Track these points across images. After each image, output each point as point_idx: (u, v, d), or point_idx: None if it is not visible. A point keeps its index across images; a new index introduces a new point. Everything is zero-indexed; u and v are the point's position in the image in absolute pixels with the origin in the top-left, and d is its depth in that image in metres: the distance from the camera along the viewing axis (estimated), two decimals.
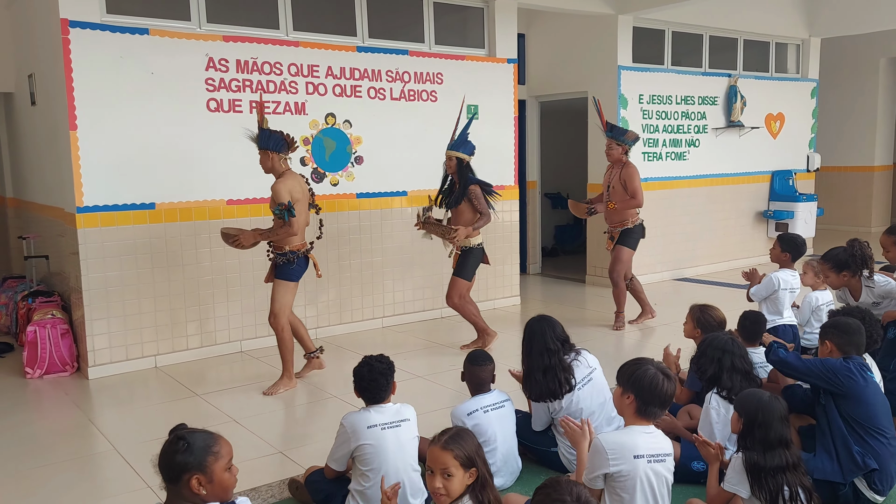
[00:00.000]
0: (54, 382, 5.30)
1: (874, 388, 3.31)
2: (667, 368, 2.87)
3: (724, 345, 3.62)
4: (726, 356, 3.57)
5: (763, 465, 2.83)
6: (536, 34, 9.08)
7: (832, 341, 3.40)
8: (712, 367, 3.59)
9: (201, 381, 5.24)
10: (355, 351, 5.80)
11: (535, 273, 9.47)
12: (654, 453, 2.75)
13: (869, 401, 3.22)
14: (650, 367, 2.82)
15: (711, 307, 4.28)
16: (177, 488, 2.15)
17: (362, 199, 6.48)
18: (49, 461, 3.93)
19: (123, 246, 5.38)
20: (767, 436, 2.86)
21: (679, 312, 6.88)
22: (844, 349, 3.36)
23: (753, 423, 2.89)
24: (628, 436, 2.79)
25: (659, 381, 2.77)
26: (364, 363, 3.19)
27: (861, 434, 3.19)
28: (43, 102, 5.97)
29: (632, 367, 2.87)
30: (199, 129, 5.60)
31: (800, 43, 10.20)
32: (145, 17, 5.41)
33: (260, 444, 4.09)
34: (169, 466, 2.15)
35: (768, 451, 2.85)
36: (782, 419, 2.90)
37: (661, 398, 2.79)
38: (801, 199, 9.69)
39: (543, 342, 3.59)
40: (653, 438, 2.79)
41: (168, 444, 2.18)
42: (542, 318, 3.71)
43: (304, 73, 6.05)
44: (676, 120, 8.78)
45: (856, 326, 3.42)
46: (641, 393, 2.79)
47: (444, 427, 2.64)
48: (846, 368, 3.26)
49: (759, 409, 2.90)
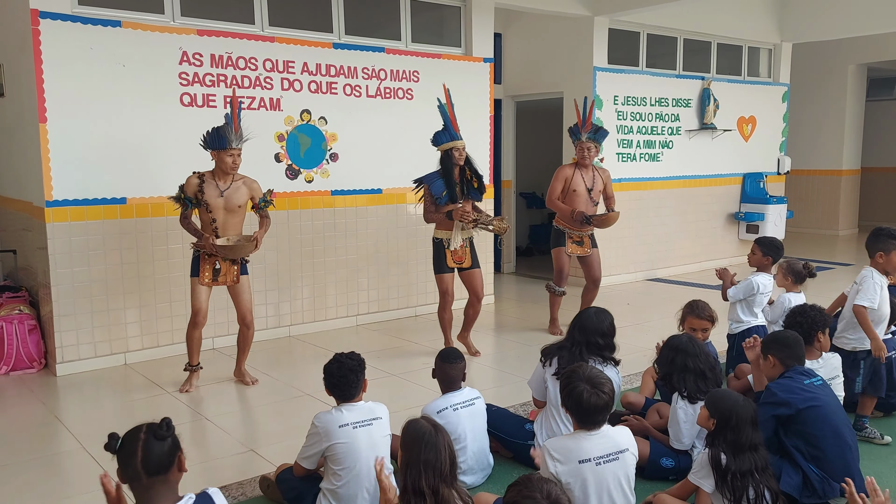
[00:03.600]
0: (20, 379, 5.21)
1: (823, 393, 3.32)
2: (598, 378, 2.82)
3: (678, 344, 3.64)
4: (679, 356, 3.59)
5: (731, 467, 2.86)
6: (513, 34, 9.11)
7: (774, 355, 3.42)
8: (665, 367, 3.63)
9: (171, 378, 5.18)
10: (328, 349, 5.77)
11: (509, 272, 9.50)
12: (602, 454, 2.76)
13: (821, 415, 3.22)
14: (580, 382, 2.80)
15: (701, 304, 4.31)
16: (166, 476, 2.09)
17: (337, 197, 6.45)
18: (14, 460, 3.86)
19: (93, 241, 5.30)
20: (738, 439, 2.88)
21: (650, 312, 7.00)
22: (787, 362, 3.38)
23: (726, 425, 2.91)
24: (573, 440, 2.80)
25: (584, 398, 2.75)
26: (334, 360, 3.17)
27: (821, 449, 3.20)
28: (12, 94, 5.86)
29: (566, 380, 2.88)
30: (172, 124, 5.54)
31: (772, 48, 10.36)
32: (118, 10, 5.33)
33: (231, 441, 4.06)
34: (163, 453, 2.09)
35: (738, 454, 2.87)
36: (753, 422, 2.92)
37: (592, 413, 2.77)
38: (772, 201, 9.84)
39: (592, 335, 3.66)
40: (599, 439, 2.78)
41: (155, 431, 2.10)
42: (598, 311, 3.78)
43: (279, 69, 6.00)
44: (650, 121, 8.87)
45: (794, 339, 3.45)
46: (572, 410, 2.82)
47: None
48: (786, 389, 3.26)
49: (732, 411, 2.91)
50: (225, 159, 4.71)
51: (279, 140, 6.07)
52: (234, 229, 4.87)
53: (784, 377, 3.37)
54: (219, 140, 4.69)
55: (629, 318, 6.84)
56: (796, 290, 4.95)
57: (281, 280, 6.20)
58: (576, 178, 6.22)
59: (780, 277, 4.98)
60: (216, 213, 4.77)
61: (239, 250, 4.75)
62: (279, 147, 6.08)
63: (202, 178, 4.75)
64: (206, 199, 4.72)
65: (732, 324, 5.04)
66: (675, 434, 3.56)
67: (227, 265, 4.86)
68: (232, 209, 4.81)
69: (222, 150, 4.69)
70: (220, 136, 4.68)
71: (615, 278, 8.62)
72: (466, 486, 3.42)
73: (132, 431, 2.13)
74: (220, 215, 4.79)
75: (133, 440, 2.10)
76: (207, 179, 4.76)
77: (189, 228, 4.76)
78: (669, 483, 3.39)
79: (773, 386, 3.35)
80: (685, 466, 3.44)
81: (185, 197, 4.72)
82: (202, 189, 4.72)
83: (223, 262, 4.83)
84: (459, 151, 5.44)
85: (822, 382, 3.38)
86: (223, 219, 4.80)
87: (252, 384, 5.04)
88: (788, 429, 3.27)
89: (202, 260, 4.80)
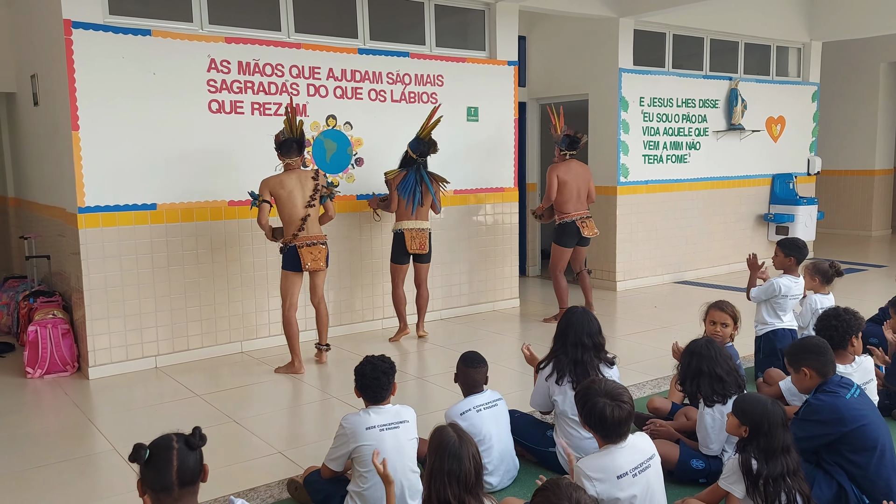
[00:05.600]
0: (55, 382, 5.32)
1: (867, 407, 3.21)
2: (616, 389, 2.80)
3: (695, 349, 3.57)
4: (695, 359, 3.53)
5: (763, 472, 2.79)
6: (537, 37, 9.10)
7: (810, 367, 3.27)
8: (690, 375, 3.54)
9: (201, 381, 5.25)
10: (354, 352, 5.81)
11: (534, 275, 9.48)
12: (636, 464, 2.74)
13: (866, 434, 3.10)
14: (599, 397, 2.76)
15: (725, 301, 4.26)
16: (195, 486, 2.09)
17: (362, 201, 6.49)
18: (48, 461, 3.94)
19: (124, 246, 5.40)
20: (771, 444, 2.81)
21: (678, 315, 6.93)
22: (824, 371, 3.25)
23: (758, 431, 2.84)
24: (608, 457, 2.75)
25: (608, 413, 2.72)
26: (367, 362, 3.21)
27: (862, 468, 3.09)
28: (46, 103, 5.99)
29: (583, 398, 2.83)
30: (200, 131, 5.62)
31: (801, 46, 10.21)
32: (147, 19, 5.43)
33: (259, 444, 4.10)
34: (196, 463, 2.08)
35: (770, 459, 2.80)
36: (784, 424, 2.85)
37: (617, 427, 2.74)
38: (802, 202, 9.70)
39: (579, 335, 3.62)
40: (629, 451, 2.76)
41: (188, 441, 2.09)
42: (584, 311, 3.74)
43: (305, 75, 6.06)
44: (677, 123, 8.80)
45: (823, 345, 3.32)
46: (596, 427, 2.78)
47: None
48: (833, 410, 3.12)
49: (763, 417, 2.83)
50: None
51: (306, 145, 6.12)
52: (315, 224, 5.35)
53: (825, 392, 3.21)
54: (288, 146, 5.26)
55: (656, 321, 6.79)
56: (824, 290, 4.87)
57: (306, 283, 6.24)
58: (570, 177, 6.77)
59: (808, 278, 4.91)
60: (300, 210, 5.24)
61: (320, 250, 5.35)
62: (305, 152, 6.13)
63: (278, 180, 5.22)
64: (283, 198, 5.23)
65: (758, 326, 4.97)
66: (704, 440, 3.52)
67: (317, 254, 5.32)
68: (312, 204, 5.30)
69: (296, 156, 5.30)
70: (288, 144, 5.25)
71: (642, 281, 8.56)
72: (492, 487, 3.42)
73: (162, 441, 2.07)
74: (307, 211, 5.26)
75: (166, 450, 2.05)
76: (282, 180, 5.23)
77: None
78: (699, 486, 3.35)
79: (816, 404, 3.19)
80: (716, 469, 3.40)
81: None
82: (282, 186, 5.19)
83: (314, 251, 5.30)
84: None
85: (861, 392, 3.27)
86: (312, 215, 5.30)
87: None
88: (830, 446, 3.15)
89: (300, 251, 5.24)
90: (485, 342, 6.12)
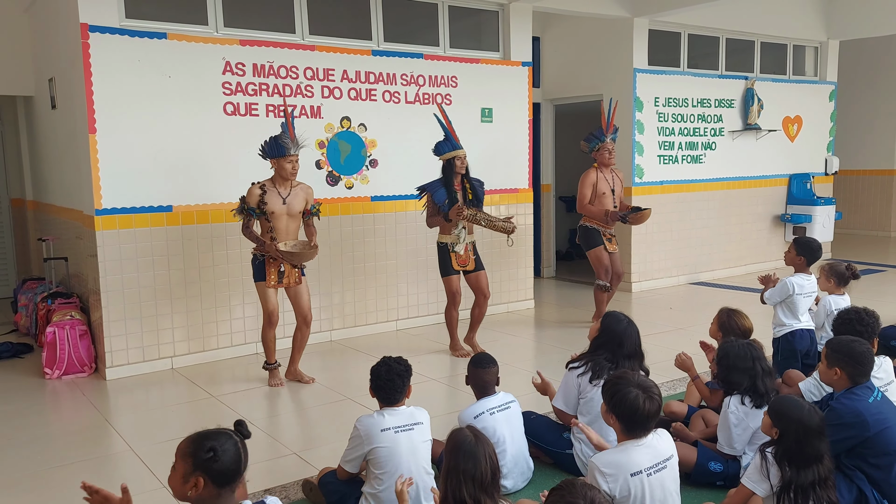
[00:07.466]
0: (72, 383, 5.36)
1: (889, 411, 3.16)
2: (647, 382, 2.78)
3: (749, 352, 3.52)
4: (756, 363, 3.48)
5: (795, 480, 2.71)
6: (551, 37, 9.07)
7: (844, 370, 3.18)
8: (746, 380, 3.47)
9: (217, 382, 5.28)
10: (369, 354, 5.82)
11: (549, 277, 9.45)
12: (652, 463, 2.71)
13: (889, 437, 3.06)
14: (631, 387, 2.73)
15: (740, 313, 4.18)
16: (233, 486, 2.11)
17: (377, 203, 6.50)
18: (68, 461, 3.98)
19: (141, 248, 5.44)
20: (804, 451, 2.72)
21: (694, 317, 6.88)
22: (856, 380, 3.18)
23: (791, 438, 2.74)
24: (623, 453, 2.72)
25: (640, 404, 2.70)
26: (382, 363, 3.21)
27: (884, 471, 3.05)
28: (63, 106, 6.05)
29: (614, 387, 2.79)
30: (215, 133, 5.65)
31: (818, 45, 10.12)
32: (163, 22, 5.47)
33: (274, 445, 4.12)
34: (241, 462, 2.11)
35: (802, 467, 2.71)
36: (820, 432, 2.75)
37: (643, 420, 2.72)
38: (819, 202, 9.60)
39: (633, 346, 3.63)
40: (646, 449, 2.73)
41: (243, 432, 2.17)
42: (631, 321, 3.71)
43: (319, 77, 6.08)
44: (692, 123, 8.74)
45: (867, 354, 3.22)
46: (623, 417, 2.74)
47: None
48: (856, 414, 3.08)
49: (799, 423, 2.73)
50: (284, 166, 4.90)
51: (320, 147, 6.14)
52: (292, 234, 5.03)
53: (846, 395, 3.16)
54: (278, 148, 4.87)
55: (672, 323, 6.74)
56: (840, 292, 4.82)
57: (322, 285, 6.27)
58: (600, 181, 6.54)
59: (823, 280, 4.86)
60: (279, 220, 4.92)
61: (303, 256, 4.90)
62: (320, 154, 6.15)
63: (263, 188, 4.91)
64: (270, 207, 4.87)
65: (775, 327, 4.92)
66: (726, 439, 3.47)
67: (290, 267, 5.01)
68: (293, 215, 5.00)
69: (282, 158, 4.88)
70: (278, 145, 4.87)
71: (658, 282, 8.51)
72: (507, 490, 3.41)
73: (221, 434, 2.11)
74: (283, 221, 4.95)
75: (230, 442, 2.09)
76: (269, 188, 4.93)
77: (251, 237, 4.93)
78: (717, 489, 3.32)
79: (839, 408, 3.14)
80: (734, 472, 3.37)
81: (249, 207, 4.88)
82: (264, 199, 4.88)
83: (286, 265, 4.98)
84: (461, 160, 5.61)
85: (882, 396, 3.22)
86: (285, 224, 4.96)
87: (310, 382, 5.17)
88: (851, 451, 3.10)
89: (267, 264, 4.96)
90: (499, 343, 6.11)
